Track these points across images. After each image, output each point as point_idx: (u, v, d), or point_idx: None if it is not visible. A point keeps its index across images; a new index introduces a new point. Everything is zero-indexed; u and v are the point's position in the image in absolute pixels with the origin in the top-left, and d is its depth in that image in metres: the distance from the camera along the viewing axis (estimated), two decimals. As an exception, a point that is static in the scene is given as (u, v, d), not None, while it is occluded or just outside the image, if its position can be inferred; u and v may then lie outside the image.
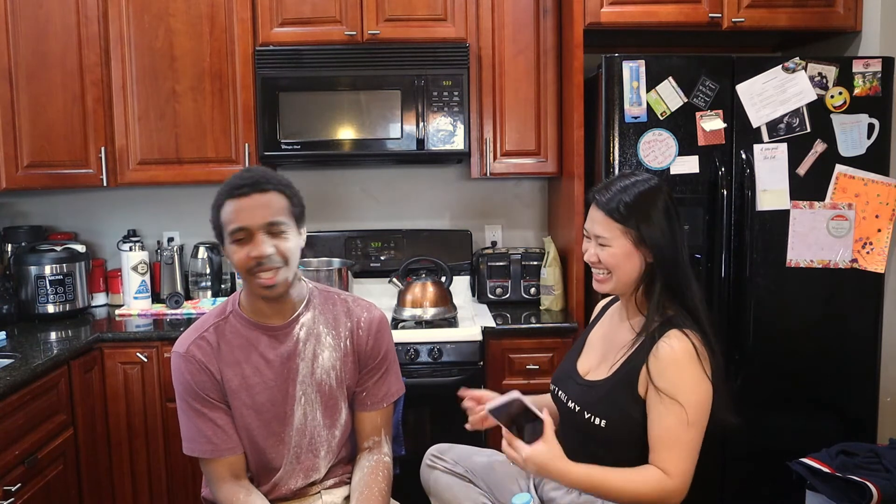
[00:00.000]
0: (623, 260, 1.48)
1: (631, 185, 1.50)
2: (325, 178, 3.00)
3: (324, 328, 1.58)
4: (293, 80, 2.54)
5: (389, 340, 1.67)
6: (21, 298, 2.61)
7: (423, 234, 2.91)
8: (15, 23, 2.49)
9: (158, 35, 2.58)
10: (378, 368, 1.63)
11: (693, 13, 2.41)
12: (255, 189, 1.44)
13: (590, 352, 1.63)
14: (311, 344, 1.56)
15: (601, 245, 1.50)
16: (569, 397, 1.56)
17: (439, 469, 1.77)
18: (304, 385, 1.56)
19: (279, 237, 1.46)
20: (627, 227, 1.46)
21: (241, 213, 1.44)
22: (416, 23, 2.60)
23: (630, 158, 2.29)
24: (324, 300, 1.62)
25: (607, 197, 1.50)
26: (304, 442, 1.57)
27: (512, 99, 2.64)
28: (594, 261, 1.52)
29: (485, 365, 2.39)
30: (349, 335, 1.60)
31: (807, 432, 2.34)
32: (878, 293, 2.34)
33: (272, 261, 1.44)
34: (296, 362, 1.55)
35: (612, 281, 1.52)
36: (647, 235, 1.46)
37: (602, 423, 1.47)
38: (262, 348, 1.54)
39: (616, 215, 1.47)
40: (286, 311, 1.55)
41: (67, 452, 2.11)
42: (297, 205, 1.51)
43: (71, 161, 2.58)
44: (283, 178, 1.51)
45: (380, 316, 1.65)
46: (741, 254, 2.29)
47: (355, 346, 1.60)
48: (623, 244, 1.48)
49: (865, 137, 2.29)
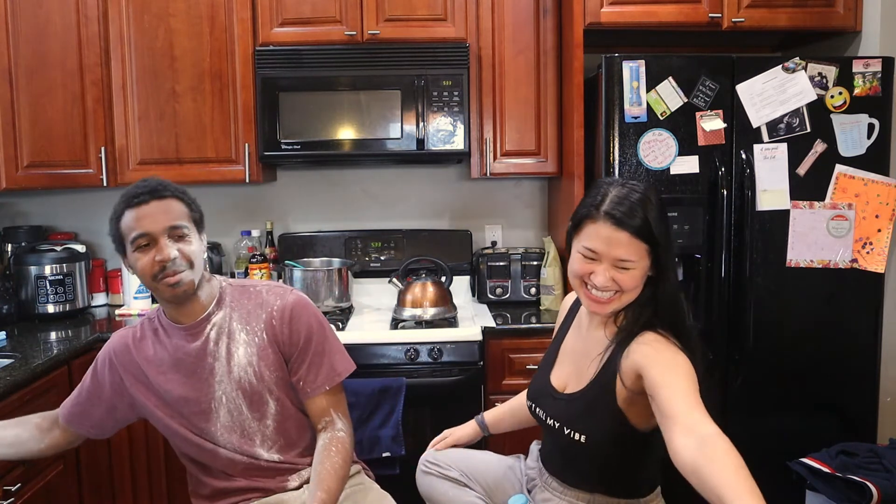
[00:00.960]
0: (640, 281, 1.38)
1: (644, 198, 1.37)
2: (325, 178, 3.00)
3: (237, 325, 1.58)
4: (293, 80, 2.54)
5: (312, 323, 1.61)
6: (21, 298, 2.61)
7: (423, 234, 2.91)
8: (15, 23, 2.49)
9: (158, 35, 2.58)
10: (305, 353, 1.59)
11: (693, 13, 2.41)
12: (154, 196, 1.49)
13: (563, 363, 1.57)
14: (223, 343, 1.57)
15: (621, 268, 1.36)
16: (547, 414, 1.52)
17: (434, 474, 1.77)
18: (223, 385, 1.56)
19: (182, 241, 1.50)
20: (649, 243, 1.35)
21: (142, 220, 1.48)
22: (416, 23, 2.60)
23: (630, 158, 2.29)
24: (238, 296, 1.62)
25: (627, 212, 1.34)
26: (235, 437, 1.58)
27: (512, 99, 2.64)
28: (609, 286, 1.37)
29: (485, 365, 2.39)
30: (264, 327, 1.58)
31: (807, 432, 2.34)
32: (878, 293, 2.34)
33: (177, 264, 1.48)
34: (209, 362, 1.56)
35: (618, 301, 1.40)
36: (664, 246, 1.36)
37: (582, 438, 1.42)
38: (174, 348, 1.58)
39: (645, 234, 1.34)
40: (196, 312, 1.57)
41: (67, 452, 2.10)
42: (195, 210, 1.56)
43: (71, 161, 2.58)
44: (179, 186, 1.55)
45: (293, 301, 1.61)
46: (741, 254, 2.29)
47: (272, 337, 1.58)
48: (645, 265, 1.37)
49: (865, 137, 2.29)
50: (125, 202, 1.50)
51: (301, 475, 1.63)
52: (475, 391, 2.39)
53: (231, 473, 1.60)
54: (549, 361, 1.61)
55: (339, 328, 2.43)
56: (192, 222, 1.54)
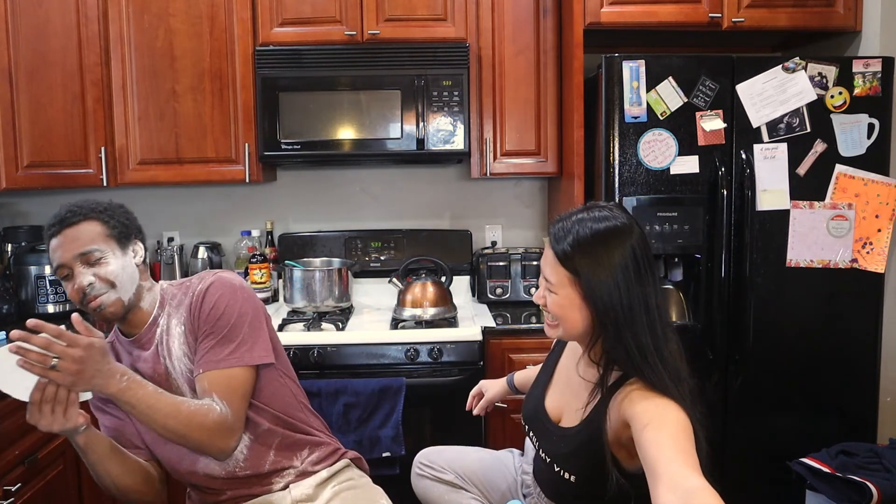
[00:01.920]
0: (569, 311, 1.30)
1: (589, 221, 1.28)
2: (325, 178, 3.00)
3: (173, 320, 1.57)
4: (293, 80, 2.54)
5: (226, 304, 1.52)
6: (21, 298, 2.61)
7: (423, 234, 2.91)
8: (15, 23, 2.49)
9: (158, 35, 2.58)
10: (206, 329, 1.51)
11: (693, 13, 2.41)
12: (64, 225, 1.48)
13: (557, 387, 1.50)
14: (164, 340, 1.56)
15: (549, 290, 1.32)
16: (540, 446, 1.46)
17: (428, 477, 1.76)
18: (178, 381, 1.55)
19: (97, 265, 1.47)
20: (571, 273, 1.27)
21: (56, 251, 1.48)
22: (416, 23, 2.60)
23: (630, 158, 2.29)
24: (176, 293, 1.60)
25: (559, 233, 1.30)
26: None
27: (512, 99, 2.64)
28: (542, 304, 1.35)
29: (485, 365, 2.39)
30: (187, 314, 1.55)
31: (807, 432, 2.34)
32: (878, 293, 2.34)
33: (95, 289, 1.47)
34: (162, 362, 1.55)
35: (559, 329, 1.34)
36: (589, 287, 1.25)
37: (572, 478, 1.37)
38: (132, 360, 1.57)
39: (563, 258, 1.28)
40: (142, 321, 1.56)
41: (67, 452, 2.11)
42: (115, 226, 1.52)
43: (71, 161, 2.58)
44: (96, 205, 1.52)
45: (212, 280, 1.55)
46: (741, 254, 2.29)
47: (189, 320, 1.54)
48: (569, 294, 1.28)
49: (865, 137, 2.29)
50: (45, 235, 1.50)
51: (283, 475, 1.60)
52: (475, 391, 2.38)
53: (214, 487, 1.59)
54: (545, 381, 1.55)
55: (338, 328, 2.43)
56: (111, 240, 1.50)
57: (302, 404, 1.70)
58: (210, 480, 1.58)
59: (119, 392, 1.37)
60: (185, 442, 1.46)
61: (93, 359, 1.31)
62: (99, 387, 1.34)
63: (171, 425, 1.41)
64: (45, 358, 1.28)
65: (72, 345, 1.29)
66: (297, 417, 1.65)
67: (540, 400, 1.50)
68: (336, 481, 1.64)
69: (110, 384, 1.35)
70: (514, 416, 2.40)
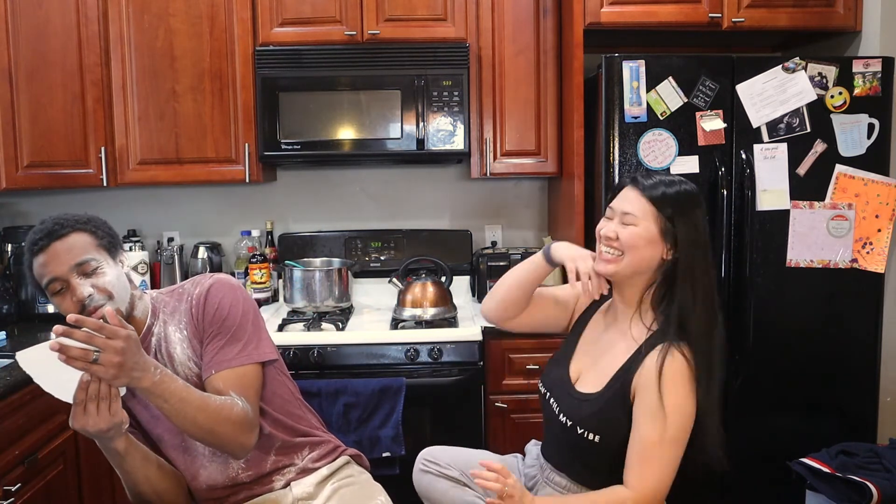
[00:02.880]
0: (643, 243, 1.43)
1: (676, 182, 1.47)
2: (325, 178, 3.00)
3: (171, 327, 1.56)
4: (293, 80, 2.54)
5: (224, 302, 1.53)
6: (21, 298, 2.61)
7: (423, 234, 2.91)
8: (15, 23, 2.49)
9: (158, 35, 2.58)
10: (213, 330, 1.52)
11: (693, 13, 2.41)
12: (53, 238, 1.45)
13: (581, 356, 1.58)
14: (163, 348, 1.54)
15: (625, 224, 1.44)
16: (561, 410, 1.52)
17: (433, 473, 1.76)
18: None
19: (94, 275, 1.45)
20: (661, 212, 1.42)
21: (47, 266, 1.44)
22: (416, 23, 2.60)
23: (630, 158, 2.29)
24: (168, 300, 1.59)
25: (650, 182, 1.46)
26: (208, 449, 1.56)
27: (512, 99, 2.64)
28: (611, 237, 1.45)
29: (485, 365, 2.39)
30: (188, 319, 1.55)
31: (807, 432, 2.34)
32: (878, 293, 2.34)
33: (95, 300, 1.44)
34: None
35: (621, 262, 1.45)
36: (680, 229, 1.42)
37: (596, 438, 1.44)
38: None
39: (654, 198, 1.43)
40: (137, 330, 1.51)
41: (67, 452, 2.11)
42: (103, 237, 1.49)
43: (71, 161, 2.58)
44: (80, 217, 1.50)
45: (210, 283, 1.55)
46: (741, 254, 2.29)
47: (193, 324, 1.54)
48: (649, 228, 1.43)
49: (865, 137, 2.29)
50: (29, 250, 1.47)
51: (284, 473, 1.60)
52: (475, 391, 2.39)
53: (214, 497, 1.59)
54: (568, 351, 1.61)
55: (338, 328, 2.43)
56: (102, 250, 1.48)
57: (299, 401, 1.71)
58: (211, 491, 1.58)
59: (153, 386, 1.34)
60: (211, 438, 1.44)
61: (131, 350, 1.30)
62: (136, 380, 1.32)
63: (201, 419, 1.39)
64: (86, 353, 1.26)
65: (112, 337, 1.27)
66: (295, 417, 1.65)
67: (564, 367, 1.57)
68: (336, 478, 1.64)
69: (146, 377, 1.33)
70: (514, 416, 2.40)
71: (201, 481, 1.57)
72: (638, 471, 1.38)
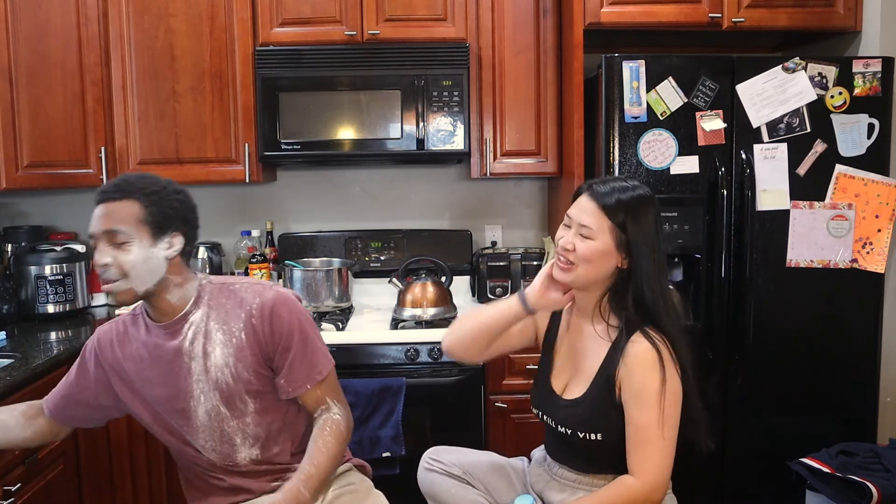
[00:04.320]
0: (598, 256, 1.48)
1: (630, 188, 1.51)
2: (325, 178, 3.00)
3: (214, 324, 1.55)
4: (293, 80, 2.54)
5: (293, 320, 1.56)
6: (21, 298, 2.61)
7: (423, 234, 2.91)
8: (15, 23, 2.49)
9: (158, 35, 2.58)
10: (287, 351, 1.55)
11: (693, 13, 2.41)
12: (106, 197, 1.47)
13: (561, 367, 1.62)
14: (199, 342, 1.54)
15: (583, 236, 1.49)
16: (556, 422, 1.56)
17: (437, 471, 1.77)
18: (201, 384, 1.54)
19: (120, 248, 1.45)
20: (614, 221, 1.47)
21: (92, 221, 1.47)
22: (416, 23, 2.60)
23: (630, 158, 2.29)
24: (217, 295, 1.58)
25: (605, 190, 1.50)
26: (216, 436, 1.57)
27: (512, 99, 2.64)
28: (569, 248, 1.50)
29: (485, 365, 2.39)
30: (243, 327, 1.54)
31: (807, 432, 2.34)
32: (878, 293, 2.34)
33: (109, 273, 1.45)
34: (185, 361, 1.54)
35: (574, 272, 1.50)
36: (632, 235, 1.46)
37: (598, 436, 1.49)
38: (153, 345, 1.56)
39: (610, 210, 1.47)
40: (170, 312, 1.55)
41: (67, 452, 2.11)
42: (154, 214, 1.47)
43: (71, 161, 2.58)
44: (148, 187, 1.48)
45: (273, 298, 1.55)
46: (741, 254, 2.29)
47: (252, 336, 1.54)
48: (606, 241, 1.47)
49: (865, 137, 2.29)
50: (94, 200, 1.50)
51: (285, 478, 1.58)
52: (475, 391, 2.39)
53: (214, 473, 1.60)
54: (546, 369, 1.65)
55: (338, 328, 2.43)
56: (144, 226, 1.46)
57: None
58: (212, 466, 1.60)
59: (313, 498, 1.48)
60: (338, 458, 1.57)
61: None
62: None
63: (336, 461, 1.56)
64: None
65: None
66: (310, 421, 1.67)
67: (548, 385, 1.61)
68: (338, 484, 1.64)
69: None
70: (514, 416, 2.40)
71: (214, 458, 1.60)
72: (638, 457, 1.43)
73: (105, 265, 1.44)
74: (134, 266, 1.45)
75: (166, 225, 1.49)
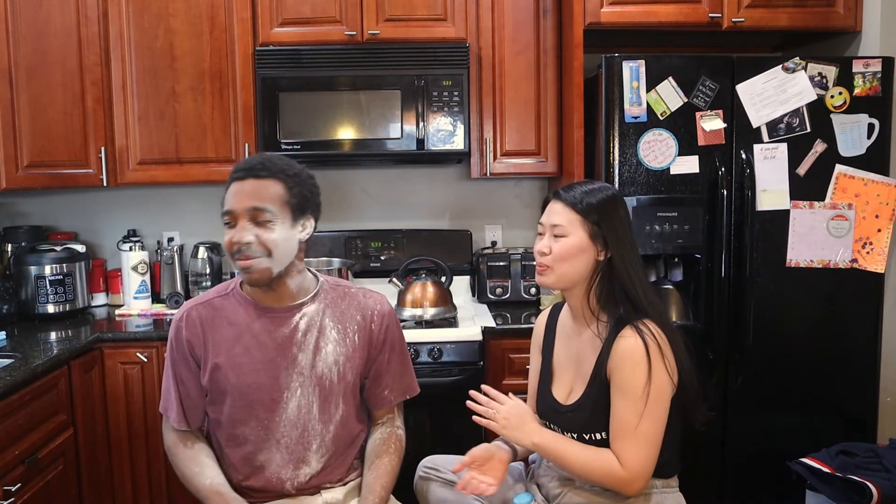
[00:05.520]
0: (575, 252, 1.51)
1: (596, 188, 1.55)
2: (325, 178, 2.97)
3: (329, 321, 1.55)
4: (293, 80, 2.54)
5: (399, 333, 1.67)
6: (21, 298, 2.61)
7: (423, 234, 2.91)
8: (15, 23, 2.49)
9: (158, 35, 2.58)
10: (390, 362, 1.63)
11: (693, 13, 2.41)
12: (251, 174, 1.45)
13: (561, 375, 1.63)
14: (312, 335, 1.53)
15: (556, 236, 1.53)
16: (563, 429, 1.58)
17: (434, 480, 1.76)
18: (303, 377, 1.53)
19: (263, 226, 1.44)
20: (587, 219, 1.50)
21: (232, 197, 1.45)
22: (416, 23, 2.60)
23: (630, 158, 2.29)
24: (333, 293, 1.60)
25: (573, 194, 1.54)
26: (296, 434, 1.53)
27: (512, 99, 2.64)
28: (545, 252, 1.54)
29: (485, 365, 2.39)
30: (358, 330, 1.57)
31: (807, 432, 2.34)
32: (878, 293, 2.34)
33: (251, 250, 1.44)
34: (293, 351, 1.52)
35: (552, 274, 1.54)
36: (607, 231, 1.50)
37: (602, 435, 1.50)
38: (256, 329, 1.52)
39: (578, 207, 1.52)
40: (284, 299, 1.54)
41: (67, 452, 2.11)
42: (296, 196, 1.49)
43: (71, 161, 2.58)
44: (289, 168, 1.50)
45: (390, 309, 1.65)
46: (741, 254, 2.29)
47: (366, 340, 1.58)
48: (580, 235, 1.51)
49: (865, 137, 2.29)
50: (230, 176, 1.48)
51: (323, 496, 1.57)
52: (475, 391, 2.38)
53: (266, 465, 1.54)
54: (547, 379, 1.66)
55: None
56: (286, 207, 1.46)
57: None
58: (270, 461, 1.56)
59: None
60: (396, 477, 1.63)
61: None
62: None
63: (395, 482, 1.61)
64: None
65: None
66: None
67: (549, 394, 1.62)
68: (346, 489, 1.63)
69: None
70: (514, 416, 2.40)
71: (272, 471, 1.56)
72: (620, 449, 1.44)
73: (248, 243, 1.43)
74: (277, 245, 1.45)
75: (304, 208, 1.52)
